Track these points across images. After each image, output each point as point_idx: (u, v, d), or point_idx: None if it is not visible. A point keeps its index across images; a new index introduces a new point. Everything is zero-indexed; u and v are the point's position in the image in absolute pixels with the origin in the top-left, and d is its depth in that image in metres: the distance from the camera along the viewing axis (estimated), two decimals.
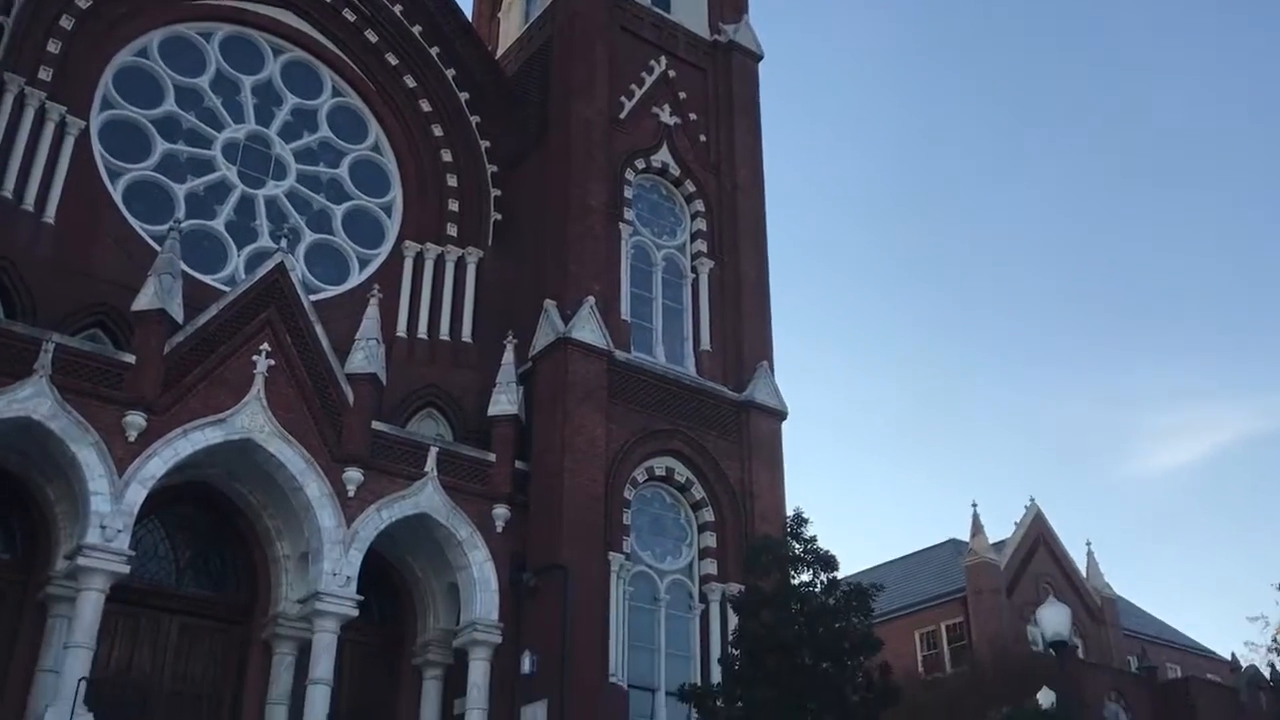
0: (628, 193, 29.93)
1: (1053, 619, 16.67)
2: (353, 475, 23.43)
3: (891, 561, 52.05)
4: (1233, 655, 48.90)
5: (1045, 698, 26.92)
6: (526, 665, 23.65)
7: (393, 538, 24.55)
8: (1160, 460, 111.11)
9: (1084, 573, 48.88)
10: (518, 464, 26.02)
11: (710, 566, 27.03)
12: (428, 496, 24.24)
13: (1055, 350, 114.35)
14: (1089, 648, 44.30)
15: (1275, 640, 38.45)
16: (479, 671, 23.83)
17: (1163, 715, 40.26)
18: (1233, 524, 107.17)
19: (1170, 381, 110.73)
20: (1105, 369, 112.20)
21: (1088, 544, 50.79)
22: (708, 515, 27.58)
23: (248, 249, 27.17)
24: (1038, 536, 48.03)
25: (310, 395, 23.61)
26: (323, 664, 21.95)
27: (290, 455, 22.79)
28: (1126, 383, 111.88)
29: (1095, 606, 47.70)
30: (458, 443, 26.21)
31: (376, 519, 23.53)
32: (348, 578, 22.61)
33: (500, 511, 25.31)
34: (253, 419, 22.49)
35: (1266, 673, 43.74)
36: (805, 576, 22.70)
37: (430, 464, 24.49)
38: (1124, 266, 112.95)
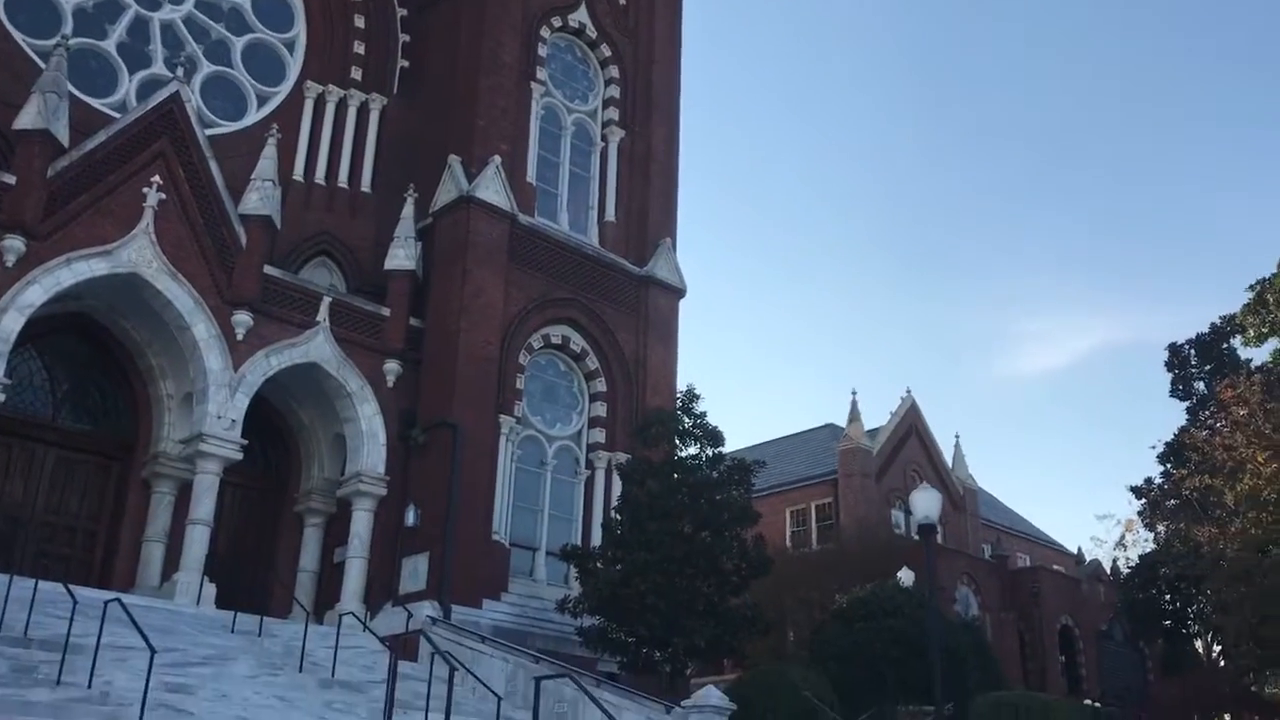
0: (542, 51, 29.21)
1: (924, 503, 17.40)
2: (242, 319, 22.94)
3: (771, 441, 53.56)
4: (1079, 549, 52.03)
5: (905, 576, 28.34)
6: (410, 518, 23.88)
7: (281, 385, 24.28)
8: (1028, 363, 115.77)
9: (950, 463, 51.06)
10: (412, 320, 25.78)
11: (599, 435, 27.44)
12: (319, 346, 23.93)
13: (940, 254, 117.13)
14: (948, 534, 46.56)
15: (1123, 537, 41.04)
16: (362, 522, 23.98)
17: (1009, 599, 42.78)
18: (1090, 427, 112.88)
19: (1043, 289, 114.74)
20: (985, 274, 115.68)
21: (956, 437, 53.14)
22: (600, 386, 27.87)
23: (140, 75, 25.80)
24: (910, 426, 49.86)
25: (201, 233, 22.87)
26: (203, 505, 21.80)
27: (178, 293, 22.16)
28: (1003, 288, 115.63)
29: (957, 496, 49.97)
30: (352, 294, 25.78)
31: (265, 365, 23.17)
32: (232, 421, 22.34)
33: (392, 366, 25.16)
34: (140, 253, 21.73)
35: (1107, 567, 46.82)
36: (692, 450, 23.25)
37: (323, 313, 24.12)
38: (1008, 177, 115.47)
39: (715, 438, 23.33)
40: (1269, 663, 27.50)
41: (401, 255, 25.94)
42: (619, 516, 22.84)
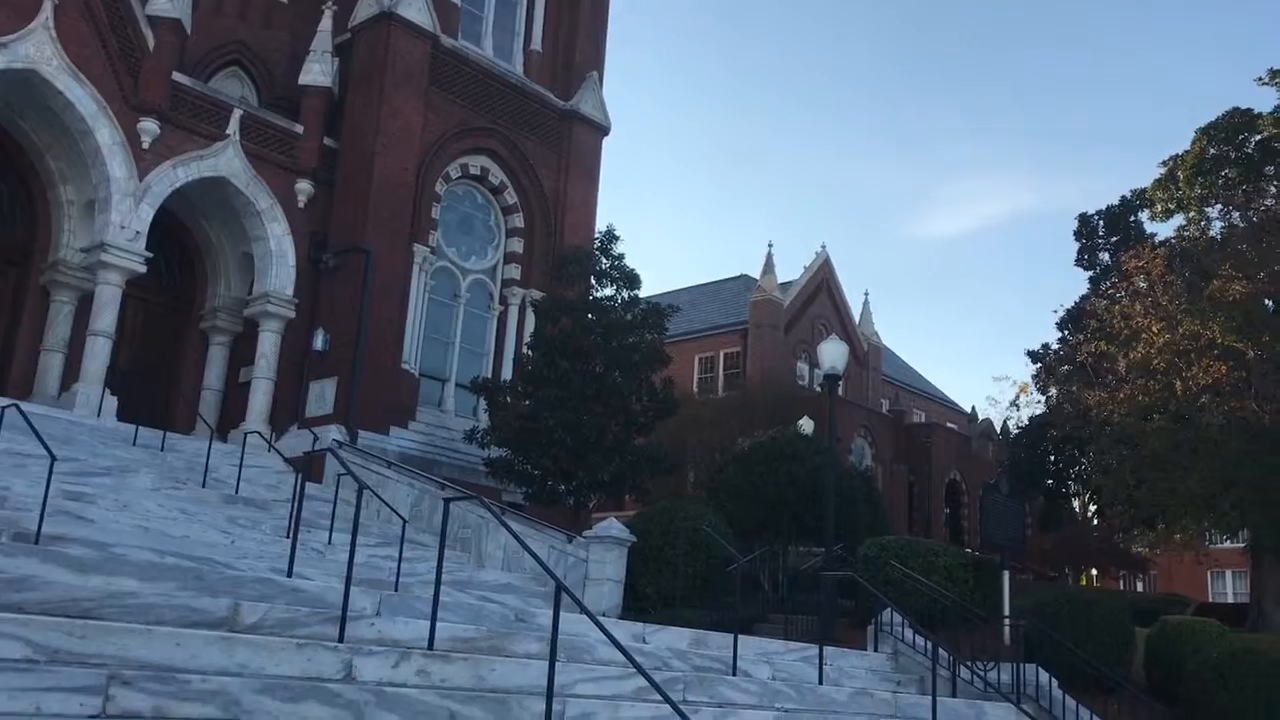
0: None
1: (831, 353, 17.74)
2: (148, 126, 21.97)
3: (685, 288, 53.83)
4: (973, 408, 53.96)
5: (806, 425, 29.09)
6: (319, 342, 23.65)
7: (188, 199, 23.52)
8: (941, 226, 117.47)
9: (857, 320, 52.01)
10: (326, 140, 24.99)
11: (514, 271, 27.26)
12: (228, 160, 23.12)
13: (863, 114, 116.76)
14: (850, 388, 47.78)
15: (1016, 399, 42.58)
16: (269, 343, 23.69)
17: (903, 452, 44.39)
18: (995, 292, 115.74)
19: (960, 155, 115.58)
20: (903, 138, 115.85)
21: (865, 294, 53.84)
22: (518, 221, 27.54)
23: None
24: (822, 281, 50.47)
25: (106, 33, 21.63)
26: (105, 317, 21.26)
27: (80, 95, 21.08)
28: (921, 152, 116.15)
29: (861, 352, 51.10)
30: (264, 109, 24.81)
31: (171, 176, 22.34)
32: (136, 232, 21.64)
33: (304, 186, 24.48)
34: (39, 49, 20.50)
35: (999, 427, 48.74)
36: (608, 291, 23.27)
37: (233, 127, 23.22)
38: (932, 43, 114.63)
39: (631, 280, 23.36)
40: (1139, 522, 29.13)
41: (317, 70, 24.97)
42: (531, 352, 22.92)
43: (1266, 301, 22.08)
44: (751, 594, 18.75)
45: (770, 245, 47.94)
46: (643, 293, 24.08)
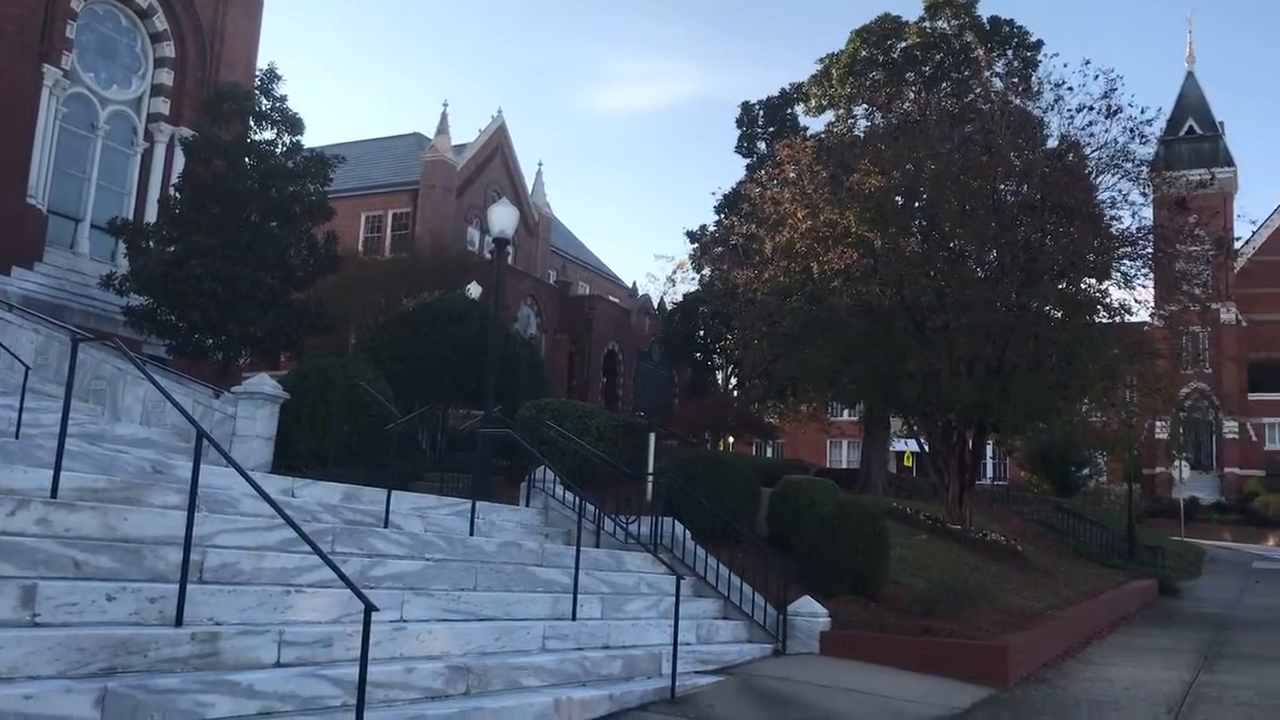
0: None
1: (501, 216, 17.67)
2: None
3: (354, 142, 51.65)
4: (634, 284, 55.96)
5: (473, 290, 29.11)
6: None
7: None
8: (615, 102, 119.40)
9: (530, 189, 52.17)
10: None
11: (162, 106, 25.15)
12: None
13: None
14: (519, 257, 48.14)
15: (671, 276, 44.47)
16: None
17: (566, 322, 45.51)
18: (666, 172, 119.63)
19: (639, 32, 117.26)
20: (582, 8, 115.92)
21: (539, 164, 54.00)
22: (168, 50, 25.31)
23: None
24: (497, 147, 50.09)
25: None
26: None
27: None
28: (600, 25, 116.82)
29: (532, 222, 51.47)
30: None
31: None
32: None
33: None
34: None
35: (656, 302, 50.92)
36: (268, 135, 21.98)
37: None
38: None
39: (294, 125, 22.17)
40: (772, 394, 31.65)
41: None
42: (179, 195, 21.39)
43: (897, 198, 24.16)
44: (410, 453, 18.77)
45: (445, 105, 46.99)
46: (308, 142, 23.04)
